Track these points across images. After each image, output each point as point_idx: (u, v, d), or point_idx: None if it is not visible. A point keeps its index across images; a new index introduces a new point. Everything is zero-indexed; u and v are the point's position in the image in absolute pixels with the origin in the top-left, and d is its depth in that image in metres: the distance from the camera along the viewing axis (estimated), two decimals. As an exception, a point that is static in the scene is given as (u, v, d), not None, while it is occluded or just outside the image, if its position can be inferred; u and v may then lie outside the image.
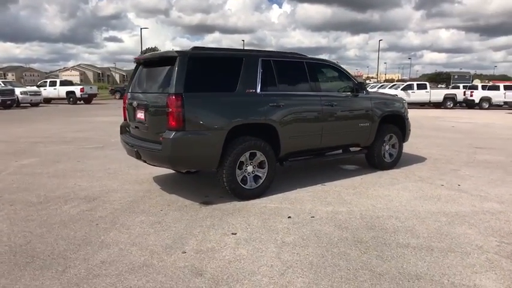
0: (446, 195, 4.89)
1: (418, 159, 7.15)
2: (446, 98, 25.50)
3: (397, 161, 6.53)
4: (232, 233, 3.65)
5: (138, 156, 4.64)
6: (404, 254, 3.20)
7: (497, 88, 25.99)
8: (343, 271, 2.90)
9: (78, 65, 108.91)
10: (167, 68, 4.44)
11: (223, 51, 4.88)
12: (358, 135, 5.88)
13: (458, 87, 28.86)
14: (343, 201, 4.64)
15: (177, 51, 4.34)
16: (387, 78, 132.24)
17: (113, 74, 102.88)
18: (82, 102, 26.94)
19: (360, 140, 5.96)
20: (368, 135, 5.97)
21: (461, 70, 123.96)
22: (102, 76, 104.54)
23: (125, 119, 5.43)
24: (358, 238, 3.53)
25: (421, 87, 25.64)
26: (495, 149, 8.57)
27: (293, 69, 5.25)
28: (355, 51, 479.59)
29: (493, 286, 2.69)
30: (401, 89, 25.35)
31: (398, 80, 71.32)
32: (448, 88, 32.41)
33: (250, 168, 4.68)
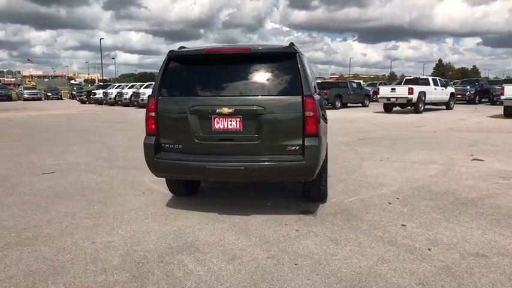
0: (407, 166, 6.51)
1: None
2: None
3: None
4: (402, 225, 3.83)
5: (243, 176, 3.67)
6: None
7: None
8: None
9: None
10: (275, 65, 3.79)
11: None
12: None
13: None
14: (380, 184, 5.40)
15: (292, 47, 3.77)
16: (86, 78, 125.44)
17: None
18: None
19: None
20: None
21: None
22: None
23: (155, 133, 3.95)
24: (465, 200, 4.53)
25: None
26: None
27: None
28: (43, 48, 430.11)
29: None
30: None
31: (101, 80, 68.49)
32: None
33: (319, 169, 4.66)
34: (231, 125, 3.74)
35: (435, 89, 19.83)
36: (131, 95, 26.71)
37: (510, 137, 10.07)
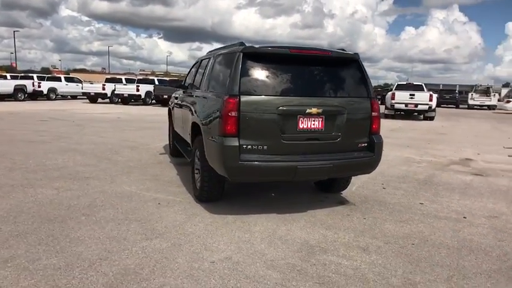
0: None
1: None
2: (17, 89, 23.84)
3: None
4: (420, 203, 4.77)
5: (329, 173, 3.84)
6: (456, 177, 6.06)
7: (59, 79, 27.52)
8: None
9: None
10: (346, 69, 4.14)
11: None
12: None
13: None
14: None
15: (356, 53, 4.11)
16: None
17: None
18: None
19: None
20: None
21: None
22: None
23: (236, 134, 3.66)
24: (423, 181, 5.85)
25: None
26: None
27: None
28: None
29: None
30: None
31: None
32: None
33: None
34: (313, 124, 3.86)
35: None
36: None
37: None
